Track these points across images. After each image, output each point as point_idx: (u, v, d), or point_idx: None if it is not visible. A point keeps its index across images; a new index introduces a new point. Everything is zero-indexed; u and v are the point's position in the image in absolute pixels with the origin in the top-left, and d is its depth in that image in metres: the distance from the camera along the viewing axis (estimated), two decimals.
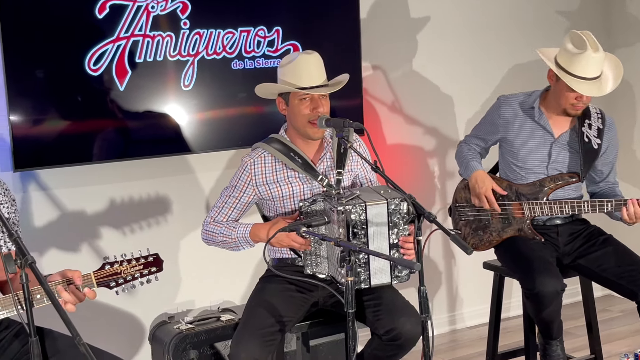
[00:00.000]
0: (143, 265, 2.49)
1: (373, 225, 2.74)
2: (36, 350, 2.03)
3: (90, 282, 2.41)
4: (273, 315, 2.90)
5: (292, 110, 3.02)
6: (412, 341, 2.84)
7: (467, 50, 4.57)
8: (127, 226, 3.76)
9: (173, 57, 3.64)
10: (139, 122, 3.63)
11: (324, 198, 2.87)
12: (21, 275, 2.01)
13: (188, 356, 3.37)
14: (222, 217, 3.09)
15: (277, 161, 3.06)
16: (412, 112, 4.46)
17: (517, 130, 3.48)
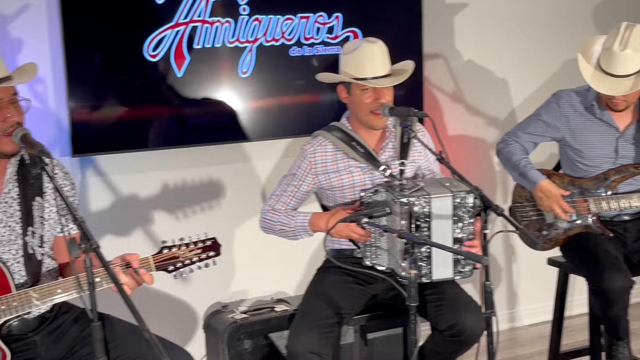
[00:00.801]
0: (201, 249, 2.53)
1: (437, 219, 2.76)
2: (98, 335, 2.11)
3: (149, 266, 2.48)
4: (331, 307, 2.94)
5: (354, 100, 3.06)
6: (474, 337, 2.86)
7: (534, 40, 4.55)
8: (181, 213, 3.84)
9: (231, 44, 3.70)
10: (196, 109, 3.70)
11: (386, 189, 2.90)
12: (85, 260, 2.09)
13: (242, 346, 3.45)
14: (281, 206, 3.15)
15: (338, 150, 3.10)
16: (475, 102, 4.46)
17: (579, 127, 3.45)
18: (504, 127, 4.51)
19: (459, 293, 2.99)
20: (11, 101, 2.44)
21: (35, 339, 2.49)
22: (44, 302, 2.38)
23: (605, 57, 3.22)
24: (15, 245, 2.49)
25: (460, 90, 4.42)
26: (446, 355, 2.99)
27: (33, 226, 2.51)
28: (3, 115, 2.41)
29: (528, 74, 4.56)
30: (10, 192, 2.51)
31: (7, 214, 2.49)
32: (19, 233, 2.50)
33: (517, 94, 4.57)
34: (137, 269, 2.41)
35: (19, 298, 2.36)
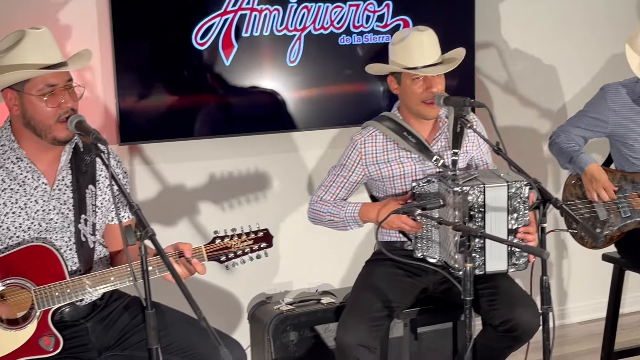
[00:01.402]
0: (253, 240, 2.58)
1: (491, 209, 2.78)
2: (152, 322, 2.17)
3: (201, 256, 2.53)
4: (381, 300, 2.98)
5: (405, 90, 3.08)
6: (529, 333, 2.87)
7: (590, 30, 4.53)
8: (227, 203, 3.90)
9: (280, 32, 3.74)
10: (243, 97, 3.75)
11: (439, 178, 2.92)
12: (140, 248, 2.15)
13: (288, 337, 3.50)
14: (329, 196, 3.18)
15: (388, 140, 3.13)
16: (527, 92, 4.45)
17: (628, 120, 3.45)
18: (556, 119, 4.50)
19: (513, 287, 3.01)
20: (66, 87, 2.50)
21: (87, 326, 2.56)
22: (97, 289, 2.45)
23: None
24: (68, 233, 2.56)
25: (512, 80, 4.41)
26: (499, 351, 3.00)
27: (86, 214, 2.57)
28: (57, 101, 2.47)
29: (582, 65, 4.54)
30: (63, 180, 2.58)
31: (60, 201, 2.56)
32: (72, 220, 2.57)
33: (570, 84, 4.55)
34: (190, 258, 2.46)
35: (72, 285, 2.43)
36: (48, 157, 2.56)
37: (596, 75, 4.55)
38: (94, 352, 2.57)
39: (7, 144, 2.53)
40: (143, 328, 2.56)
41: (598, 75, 4.54)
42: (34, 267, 2.41)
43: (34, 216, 2.51)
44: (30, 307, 2.41)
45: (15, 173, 2.51)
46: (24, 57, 2.44)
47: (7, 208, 2.49)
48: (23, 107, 2.48)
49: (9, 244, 2.49)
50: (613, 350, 3.67)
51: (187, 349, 2.57)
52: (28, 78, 2.44)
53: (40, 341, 2.40)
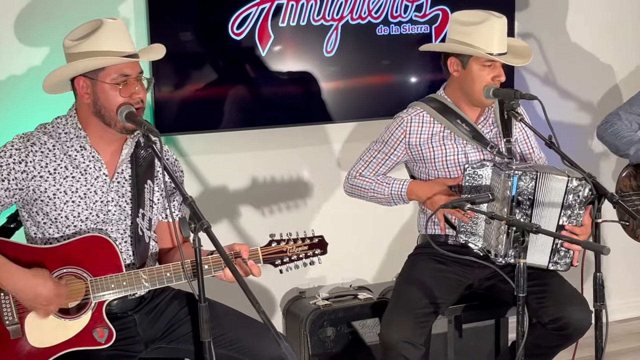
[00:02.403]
0: (308, 246, 2.67)
1: (544, 201, 2.82)
2: (205, 315, 2.24)
3: (257, 258, 2.62)
4: (427, 296, 3.03)
5: (471, 76, 3.08)
6: (581, 331, 2.93)
7: (630, 20, 4.57)
8: (262, 195, 3.97)
9: (317, 22, 3.81)
10: (280, 88, 3.82)
11: (493, 163, 2.98)
12: (194, 240, 2.23)
13: (325, 333, 3.57)
14: (369, 172, 3.23)
15: (435, 122, 3.16)
16: (567, 85, 4.50)
17: None
18: (597, 112, 4.55)
19: (564, 284, 3.06)
20: (137, 78, 2.59)
21: (134, 318, 2.64)
22: (154, 284, 2.53)
23: None
24: (123, 225, 2.64)
25: (552, 73, 4.47)
26: (547, 350, 3.06)
27: (144, 208, 2.66)
28: (129, 91, 2.55)
29: (623, 57, 4.58)
30: (123, 173, 2.66)
31: (118, 194, 2.64)
32: (129, 214, 2.65)
33: (611, 78, 4.60)
34: (246, 260, 2.54)
35: (129, 278, 2.51)
36: (111, 149, 2.64)
37: (635, 70, 4.59)
38: (141, 344, 2.64)
39: (73, 132, 2.60)
40: (189, 320, 2.67)
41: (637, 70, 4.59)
42: (91, 257, 2.49)
43: (92, 206, 2.59)
44: (84, 298, 2.49)
45: (78, 161, 2.59)
46: (101, 45, 2.52)
47: (67, 196, 2.57)
48: (95, 96, 2.56)
49: (66, 233, 2.57)
50: None
51: (234, 342, 2.65)
52: (104, 66, 2.53)
53: (94, 332, 2.48)
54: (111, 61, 2.52)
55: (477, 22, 3.03)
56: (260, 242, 3.93)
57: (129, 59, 2.54)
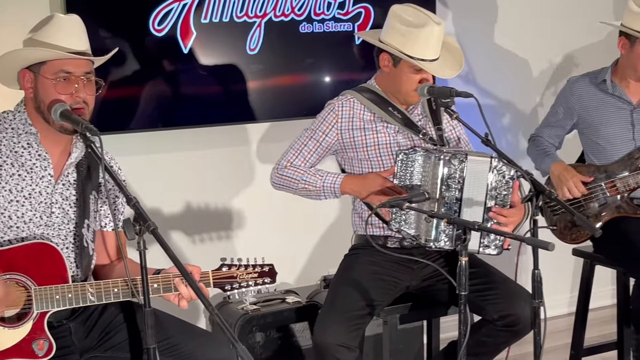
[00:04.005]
0: (258, 274, 2.71)
1: (472, 183, 2.94)
2: (150, 320, 2.24)
3: (207, 281, 2.64)
4: (362, 298, 3.07)
5: (400, 76, 3.15)
6: (529, 327, 3.01)
7: (547, 17, 4.75)
8: (182, 198, 3.95)
9: (239, 18, 3.82)
10: (202, 86, 3.82)
11: (425, 148, 3.07)
12: (139, 242, 2.22)
13: (254, 339, 3.59)
14: (300, 162, 3.25)
15: (366, 110, 3.22)
16: (487, 84, 4.64)
17: (593, 106, 3.72)
18: (517, 111, 4.72)
19: (509, 281, 3.16)
20: (83, 78, 2.55)
21: (70, 326, 2.60)
22: (100, 299, 2.50)
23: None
24: (65, 231, 2.60)
25: (472, 71, 4.60)
26: (492, 347, 3.15)
27: (89, 219, 2.62)
28: (69, 89, 2.51)
29: (541, 55, 4.76)
30: (68, 177, 2.63)
31: (63, 197, 2.60)
32: (72, 218, 2.61)
33: (530, 76, 4.77)
34: (197, 282, 2.55)
35: (74, 291, 2.48)
36: (59, 149, 2.59)
37: (562, 64, 4.79)
38: (76, 354, 2.60)
39: (22, 128, 2.55)
40: (125, 328, 2.66)
41: (563, 65, 4.78)
42: (38, 265, 2.44)
43: (36, 207, 2.54)
44: (25, 307, 2.44)
45: (24, 159, 2.54)
46: (48, 38, 2.49)
47: (12, 195, 2.51)
48: (36, 90, 2.52)
49: (7, 234, 2.51)
50: (582, 346, 3.86)
51: (176, 348, 2.64)
52: (45, 59, 2.48)
53: (33, 344, 2.43)
54: (48, 54, 2.48)
55: (416, 25, 3.08)
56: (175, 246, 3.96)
57: (72, 55, 2.50)
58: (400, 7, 3.16)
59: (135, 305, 2.69)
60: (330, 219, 4.32)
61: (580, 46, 4.82)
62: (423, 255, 3.17)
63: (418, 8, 3.17)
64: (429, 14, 3.15)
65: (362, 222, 3.26)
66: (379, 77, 3.28)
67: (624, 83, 3.70)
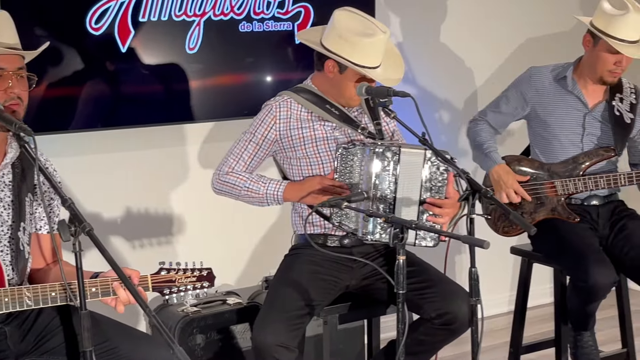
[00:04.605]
0: (197, 278, 2.72)
1: (406, 175, 3.00)
2: (87, 323, 2.23)
3: (146, 285, 2.63)
4: (302, 298, 3.10)
5: (345, 82, 3.19)
6: (466, 325, 3.06)
7: (489, 18, 4.84)
8: (120, 200, 3.94)
9: (178, 17, 3.82)
10: (141, 86, 3.82)
11: (362, 143, 3.12)
12: (74, 244, 2.21)
13: (195, 341, 3.59)
14: (241, 167, 3.28)
15: (303, 109, 3.26)
16: (427, 83, 4.70)
17: (549, 101, 3.76)
18: (456, 111, 4.79)
19: (446, 279, 3.21)
20: (15, 73, 2.53)
21: (5, 330, 2.57)
22: (37, 303, 2.48)
23: (616, 22, 3.52)
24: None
25: (411, 70, 4.65)
26: (430, 346, 3.19)
27: (25, 222, 2.60)
28: (3, 85, 2.49)
29: (481, 55, 4.84)
30: (3, 177, 2.60)
31: None
32: (6, 220, 2.58)
33: (469, 77, 4.85)
34: (136, 286, 2.55)
35: (11, 294, 2.45)
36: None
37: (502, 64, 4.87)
38: (11, 358, 2.58)
39: None
40: (61, 331, 2.65)
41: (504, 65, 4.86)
42: None
43: None
44: None
45: None
46: None
47: None
48: None
49: None
50: (521, 344, 3.94)
51: (114, 350, 2.64)
52: None
53: None
54: None
55: (364, 34, 3.11)
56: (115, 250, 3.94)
57: (7, 50, 2.49)
58: (345, 15, 3.19)
59: (72, 309, 2.67)
60: (272, 219, 4.34)
61: (518, 45, 4.91)
62: (362, 255, 3.22)
63: (363, 15, 3.21)
64: (375, 21, 3.20)
65: (302, 221, 3.29)
66: (318, 79, 3.31)
67: (582, 83, 3.73)
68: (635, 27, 3.52)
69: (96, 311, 2.76)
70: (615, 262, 3.53)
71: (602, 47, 3.59)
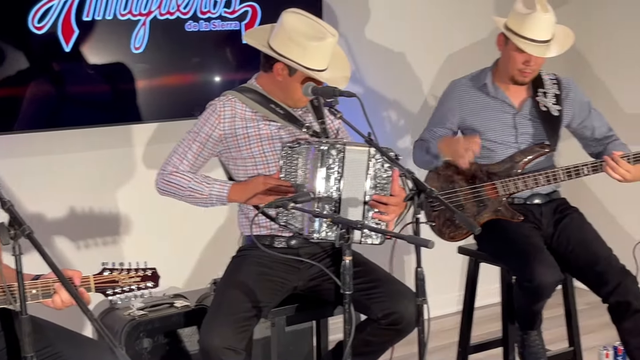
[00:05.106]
0: (141, 278, 2.71)
1: (351, 173, 3.03)
2: (27, 328, 2.20)
3: (89, 286, 2.61)
4: (249, 300, 3.10)
5: (294, 85, 3.20)
6: (413, 325, 3.08)
7: (433, 17, 4.88)
8: (64, 202, 3.91)
9: (123, 16, 3.79)
10: (85, 87, 3.79)
11: (307, 141, 3.15)
12: (14, 247, 2.19)
13: (141, 345, 3.58)
14: (186, 166, 3.27)
15: (247, 109, 3.27)
16: (374, 84, 4.73)
17: (476, 110, 3.80)
18: (406, 111, 4.83)
19: (392, 279, 3.23)
20: None
21: None
22: None
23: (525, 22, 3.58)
24: None
25: (359, 71, 4.68)
26: (377, 346, 3.21)
27: None
28: None
29: (427, 55, 4.89)
30: None
31: None
32: None
33: (415, 77, 4.89)
34: (78, 287, 2.52)
35: None
36: None
37: (445, 63, 4.92)
38: None
39: None
40: (2, 337, 2.62)
41: (446, 63, 4.91)
42: None
43: None
44: None
45: None
46: None
47: None
48: None
49: None
50: (469, 343, 3.98)
51: (57, 355, 2.62)
52: None
53: None
54: None
55: (315, 38, 3.13)
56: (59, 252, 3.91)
57: None
58: (294, 17, 3.20)
59: (13, 313, 2.65)
60: (220, 220, 4.33)
61: (465, 45, 4.96)
62: (309, 255, 3.24)
63: (312, 17, 3.22)
64: (324, 24, 3.22)
65: (248, 222, 3.29)
66: (263, 79, 3.32)
67: (504, 85, 3.77)
68: (544, 27, 3.58)
69: (40, 316, 2.75)
70: (560, 261, 3.58)
71: (511, 47, 3.65)
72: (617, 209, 5.30)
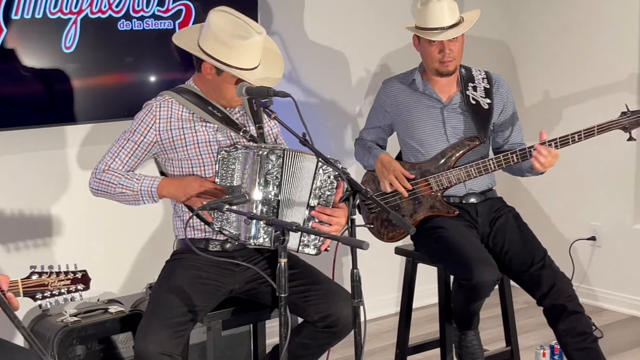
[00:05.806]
0: (70, 280, 2.69)
1: (294, 180, 3.03)
2: None
3: (17, 290, 2.58)
4: (185, 304, 3.08)
5: (224, 84, 3.20)
6: (349, 327, 3.08)
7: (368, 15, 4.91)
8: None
9: (54, 15, 3.74)
10: (15, 87, 3.72)
11: (245, 146, 3.13)
12: None
13: (74, 352, 3.53)
14: (118, 165, 3.24)
15: (184, 110, 3.26)
16: (311, 83, 4.74)
17: (406, 107, 3.88)
18: (343, 111, 4.84)
19: (329, 281, 3.23)
20: None
21: None
22: None
23: (425, 14, 3.71)
24: None
25: (295, 70, 4.68)
26: (314, 349, 3.21)
27: None
28: None
29: (367, 55, 4.91)
30: None
31: None
32: None
33: (356, 75, 4.91)
34: (5, 292, 2.49)
35: None
36: None
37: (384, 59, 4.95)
38: None
39: None
40: None
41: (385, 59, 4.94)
42: None
43: None
44: None
45: None
46: None
47: None
48: None
49: None
50: (407, 345, 4.00)
51: None
52: None
53: None
54: None
55: (239, 37, 3.12)
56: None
57: None
58: (219, 16, 3.19)
59: None
60: (156, 224, 4.30)
61: (401, 46, 4.99)
62: (245, 258, 3.22)
63: (238, 16, 3.21)
64: (250, 22, 3.21)
65: (183, 225, 3.27)
66: (199, 80, 3.32)
67: (433, 81, 3.84)
68: (443, 13, 3.68)
69: None
70: (496, 261, 3.62)
71: (424, 43, 3.76)
72: (553, 209, 5.38)
